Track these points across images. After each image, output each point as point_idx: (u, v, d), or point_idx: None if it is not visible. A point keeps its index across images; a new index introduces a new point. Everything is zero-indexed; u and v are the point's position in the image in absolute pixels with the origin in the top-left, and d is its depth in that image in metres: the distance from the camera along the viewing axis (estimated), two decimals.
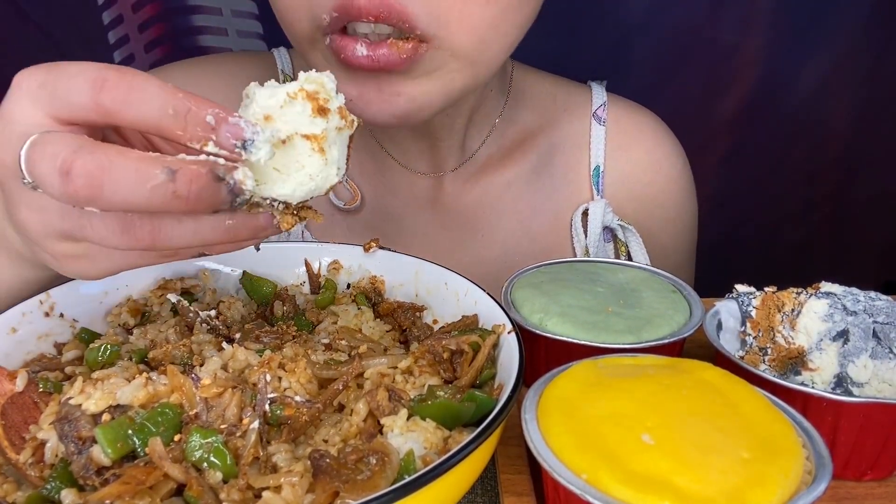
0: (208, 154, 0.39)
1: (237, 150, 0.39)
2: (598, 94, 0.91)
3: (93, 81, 0.38)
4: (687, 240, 0.98)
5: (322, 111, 0.42)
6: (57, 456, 0.43)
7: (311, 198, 0.43)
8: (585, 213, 0.88)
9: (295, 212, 0.44)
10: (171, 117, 0.38)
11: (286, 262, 0.67)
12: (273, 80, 0.43)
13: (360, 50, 0.58)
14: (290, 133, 0.41)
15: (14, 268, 0.55)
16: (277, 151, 0.41)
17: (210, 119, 0.38)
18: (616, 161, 0.90)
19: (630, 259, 0.87)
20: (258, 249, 0.55)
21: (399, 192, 0.87)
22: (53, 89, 0.40)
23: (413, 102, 0.62)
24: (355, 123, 0.44)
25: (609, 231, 0.89)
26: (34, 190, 0.40)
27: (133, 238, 0.41)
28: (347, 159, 0.45)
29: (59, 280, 0.58)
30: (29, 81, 0.41)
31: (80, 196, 0.37)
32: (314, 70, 0.43)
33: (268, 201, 0.42)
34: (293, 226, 0.44)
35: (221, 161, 0.39)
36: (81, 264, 0.46)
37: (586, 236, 0.87)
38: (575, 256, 0.88)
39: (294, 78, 0.86)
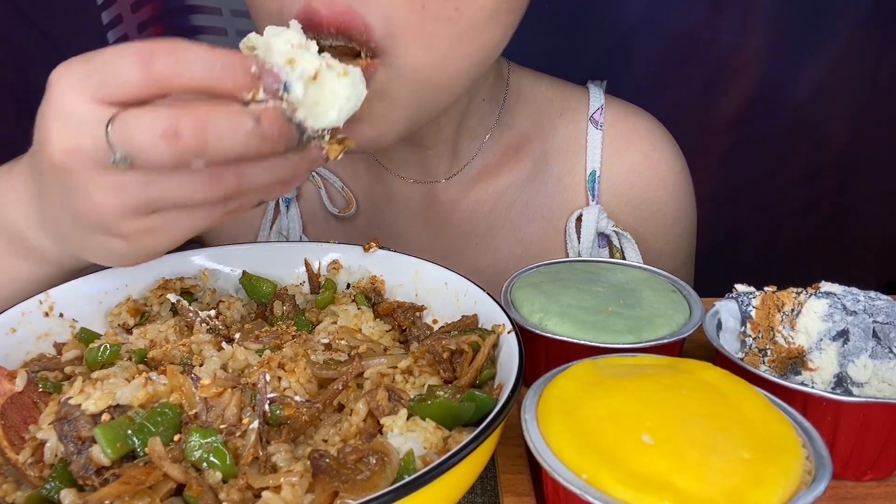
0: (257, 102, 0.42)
1: (281, 93, 0.42)
2: (596, 97, 0.90)
3: (139, 58, 0.41)
4: (685, 244, 0.97)
5: (320, 49, 0.47)
6: (56, 456, 0.43)
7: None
8: (580, 219, 0.87)
9: (338, 142, 0.48)
10: (219, 74, 0.41)
11: (286, 262, 0.67)
12: (269, 28, 0.47)
13: None
14: (317, 68, 0.45)
15: (33, 268, 0.57)
16: (311, 88, 0.45)
17: (255, 69, 0.41)
18: (612, 165, 0.89)
19: None
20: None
21: (393, 200, 0.87)
22: (102, 76, 0.42)
23: (373, 128, 0.60)
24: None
25: (604, 237, 0.88)
26: (121, 166, 0.42)
27: (222, 186, 0.44)
28: None
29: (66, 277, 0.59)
30: (69, 76, 0.43)
31: (189, 152, 0.41)
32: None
33: (317, 134, 0.46)
34: (339, 154, 0.48)
35: (283, 105, 0.42)
36: (153, 238, 0.48)
37: (580, 242, 0.87)
38: None
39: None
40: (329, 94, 0.46)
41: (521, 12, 0.64)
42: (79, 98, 0.42)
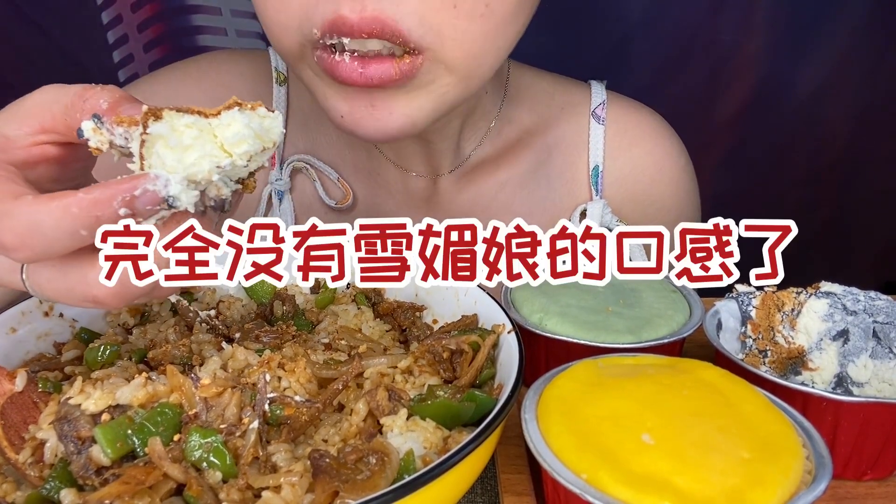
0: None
1: (164, 210, 0.38)
2: (598, 92, 0.90)
3: None
4: None
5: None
6: (56, 456, 0.43)
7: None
8: (583, 214, 0.87)
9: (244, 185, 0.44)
10: (86, 237, 0.38)
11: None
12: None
13: (353, 67, 0.57)
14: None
15: None
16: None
17: (123, 211, 0.37)
18: (615, 161, 0.88)
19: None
20: None
21: (393, 192, 0.87)
22: None
23: (407, 118, 0.62)
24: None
25: None
26: None
27: None
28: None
29: None
30: None
31: None
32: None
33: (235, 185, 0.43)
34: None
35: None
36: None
37: None
38: None
39: (287, 77, 0.87)
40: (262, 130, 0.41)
41: (537, 3, 0.65)
42: None
